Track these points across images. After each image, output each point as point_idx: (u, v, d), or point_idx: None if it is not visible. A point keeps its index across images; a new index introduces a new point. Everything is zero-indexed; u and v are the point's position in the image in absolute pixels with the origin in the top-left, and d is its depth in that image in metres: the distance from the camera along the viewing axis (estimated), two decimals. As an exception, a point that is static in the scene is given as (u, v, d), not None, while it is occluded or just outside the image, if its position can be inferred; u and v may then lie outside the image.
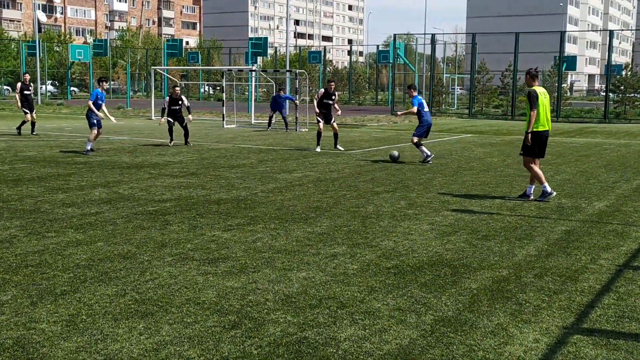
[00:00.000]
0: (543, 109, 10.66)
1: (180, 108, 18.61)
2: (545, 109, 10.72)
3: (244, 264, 6.65)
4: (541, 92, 10.75)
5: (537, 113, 10.57)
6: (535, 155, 10.84)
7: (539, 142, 10.78)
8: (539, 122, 10.65)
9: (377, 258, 7.00)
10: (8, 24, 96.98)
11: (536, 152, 10.81)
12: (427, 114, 16.09)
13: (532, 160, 10.85)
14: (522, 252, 7.38)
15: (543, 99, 10.70)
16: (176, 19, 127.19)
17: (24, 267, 6.35)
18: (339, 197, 10.83)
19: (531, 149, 10.78)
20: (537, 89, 10.71)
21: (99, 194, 10.65)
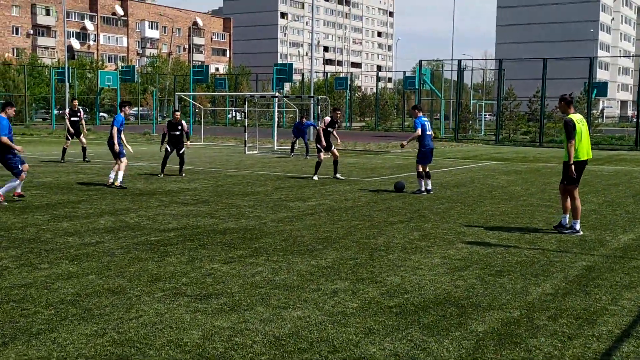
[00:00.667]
0: (582, 137, 10.12)
1: (180, 134, 17.75)
2: (583, 138, 10.16)
3: (237, 300, 6.28)
4: (578, 119, 10.17)
5: (578, 143, 10.07)
6: (577, 183, 10.30)
7: (579, 171, 10.28)
8: (578, 151, 10.14)
9: (380, 295, 6.58)
10: (42, 52, 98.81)
11: (575, 180, 10.25)
12: (428, 137, 14.96)
13: (576, 188, 10.29)
14: (537, 290, 6.90)
15: (581, 126, 10.13)
16: (206, 46, 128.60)
17: (5, 303, 6.06)
18: (350, 227, 10.43)
19: (574, 178, 10.22)
20: (573, 117, 10.13)
21: (104, 222, 10.40)
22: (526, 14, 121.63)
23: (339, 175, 17.92)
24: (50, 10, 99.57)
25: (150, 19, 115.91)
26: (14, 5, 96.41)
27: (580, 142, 10.14)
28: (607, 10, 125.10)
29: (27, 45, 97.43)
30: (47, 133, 40.44)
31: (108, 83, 48.64)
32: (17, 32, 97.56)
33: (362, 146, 32.36)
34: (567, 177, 10.31)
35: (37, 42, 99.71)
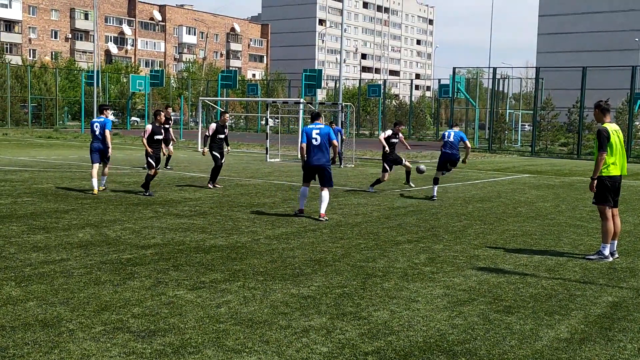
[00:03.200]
0: (616, 149, 9.00)
1: (225, 138, 16.35)
2: (618, 150, 9.04)
3: (186, 340, 5.31)
4: (613, 130, 9.06)
5: (608, 154, 8.95)
6: (609, 203, 9.06)
7: (613, 188, 9.08)
8: (611, 165, 9.00)
9: (358, 336, 5.55)
10: (80, 55, 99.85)
11: (610, 199, 9.06)
12: (446, 144, 15.37)
13: (607, 209, 9.06)
14: (549, 334, 5.79)
15: (615, 138, 9.02)
16: (244, 52, 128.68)
17: None
18: (351, 247, 9.41)
19: (603, 196, 9.03)
20: (608, 126, 9.03)
21: (82, 235, 9.55)
22: (568, 22, 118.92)
23: (412, 184, 17.43)
24: (89, 14, 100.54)
25: (188, 24, 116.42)
26: (53, 9, 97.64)
27: (614, 156, 9.01)
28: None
29: (66, 49, 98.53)
30: (73, 137, 40.21)
31: (139, 87, 48.42)
32: (56, 36, 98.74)
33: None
34: (596, 193, 9.13)
35: (75, 46, 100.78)
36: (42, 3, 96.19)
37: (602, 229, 9.15)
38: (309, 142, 11.80)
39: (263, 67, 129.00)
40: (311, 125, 11.93)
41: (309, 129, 11.83)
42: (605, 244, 9.06)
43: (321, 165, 11.83)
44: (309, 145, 11.81)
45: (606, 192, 9.03)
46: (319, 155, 11.78)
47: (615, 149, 9.01)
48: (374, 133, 60.94)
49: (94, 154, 14.41)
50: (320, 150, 11.78)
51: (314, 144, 11.77)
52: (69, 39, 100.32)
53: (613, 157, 9.00)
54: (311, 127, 11.84)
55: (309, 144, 11.80)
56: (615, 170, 9.05)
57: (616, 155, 9.03)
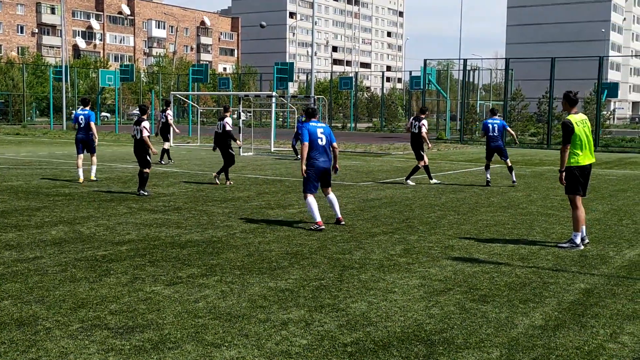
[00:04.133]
0: (582, 140, 9.14)
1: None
2: (584, 140, 9.17)
3: (165, 335, 5.31)
4: (578, 120, 9.21)
5: (575, 145, 9.11)
6: (579, 192, 9.22)
7: (583, 178, 9.24)
8: (579, 156, 9.15)
9: (337, 328, 5.59)
10: (48, 50, 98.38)
11: (580, 189, 9.22)
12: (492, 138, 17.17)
13: (578, 198, 9.23)
14: (524, 321, 5.89)
15: (582, 128, 9.17)
16: (214, 46, 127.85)
17: None
18: (326, 239, 9.44)
19: (574, 186, 9.20)
20: (572, 118, 9.18)
21: (55, 232, 9.46)
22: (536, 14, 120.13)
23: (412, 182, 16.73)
24: (56, 9, 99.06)
25: (157, 18, 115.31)
26: (18, 3, 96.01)
27: (582, 146, 9.15)
28: (618, 10, 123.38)
29: (32, 44, 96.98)
30: (42, 133, 39.65)
31: (109, 82, 47.85)
32: (22, 30, 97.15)
33: (363, 147, 31.34)
34: (566, 184, 9.30)
35: (42, 41, 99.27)
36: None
37: (573, 217, 9.30)
38: (314, 142, 10.35)
39: (234, 61, 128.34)
40: (312, 123, 10.50)
41: (312, 127, 10.40)
42: (577, 233, 9.20)
43: (328, 167, 10.54)
44: (313, 146, 10.35)
45: (576, 182, 9.18)
46: (325, 156, 10.44)
47: (582, 140, 9.13)
48: (346, 125, 61.04)
49: (78, 145, 15.41)
50: (326, 151, 10.47)
51: (320, 144, 10.37)
52: (36, 34, 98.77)
53: (579, 148, 9.13)
54: (314, 126, 10.44)
55: (313, 144, 10.35)
56: (583, 159, 9.18)
57: (583, 146, 9.16)
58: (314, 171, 10.38)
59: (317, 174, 10.42)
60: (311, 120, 10.60)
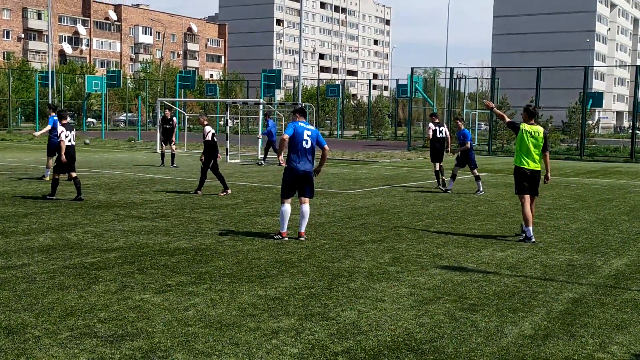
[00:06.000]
0: (525, 146, 10.40)
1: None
2: (527, 147, 10.39)
3: (155, 344, 5.28)
4: (529, 129, 10.44)
5: (522, 149, 10.41)
6: (518, 191, 10.56)
7: (524, 178, 10.47)
8: (520, 158, 10.45)
9: (328, 337, 5.59)
10: (34, 56, 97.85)
11: (521, 188, 10.50)
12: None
13: (521, 197, 10.56)
14: (513, 330, 5.91)
15: (529, 136, 10.39)
16: (201, 52, 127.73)
17: None
18: (315, 247, 9.44)
19: (520, 186, 10.54)
20: (525, 125, 10.49)
21: (43, 239, 9.39)
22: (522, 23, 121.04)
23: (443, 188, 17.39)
24: (42, 14, 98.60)
25: (144, 24, 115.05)
26: (4, 8, 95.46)
27: (527, 153, 10.38)
28: (603, 20, 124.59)
29: (18, 49, 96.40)
30: (27, 139, 39.35)
31: (95, 88, 47.66)
32: (8, 35, 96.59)
33: (350, 155, 31.38)
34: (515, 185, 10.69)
35: (28, 46, 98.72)
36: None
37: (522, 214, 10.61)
38: (297, 145, 9.77)
39: (221, 68, 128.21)
40: (300, 123, 9.92)
41: (300, 127, 9.82)
42: (529, 228, 10.42)
43: (308, 171, 9.94)
44: (295, 148, 9.80)
45: (521, 183, 10.48)
46: (306, 160, 9.86)
47: (527, 146, 10.36)
48: (333, 133, 61.12)
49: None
50: (308, 155, 9.88)
51: (304, 146, 9.79)
52: (22, 39, 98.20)
53: (525, 153, 10.38)
54: (302, 127, 9.85)
55: (295, 146, 9.78)
56: (528, 164, 10.39)
57: (529, 152, 10.38)
58: (290, 176, 9.91)
59: (295, 179, 9.90)
60: (300, 120, 10.02)
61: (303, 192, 10.08)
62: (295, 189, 10.06)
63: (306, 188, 10.06)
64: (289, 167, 9.93)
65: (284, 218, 10.01)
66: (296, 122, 9.96)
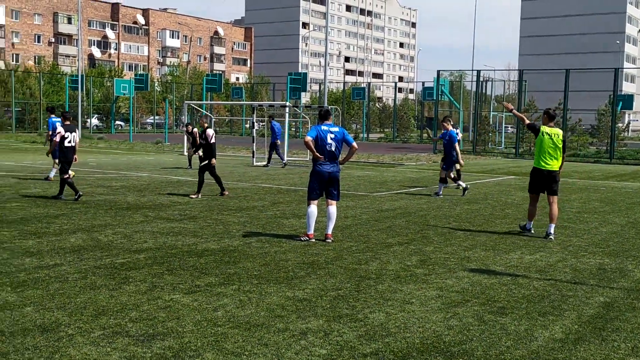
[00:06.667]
0: (544, 147, 10.85)
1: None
2: (546, 148, 10.84)
3: (185, 343, 5.34)
4: (549, 131, 10.86)
5: (540, 151, 10.89)
6: (531, 189, 11.23)
7: (539, 178, 11.02)
8: (538, 159, 10.96)
9: (356, 338, 5.60)
10: (64, 59, 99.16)
11: (533, 187, 11.14)
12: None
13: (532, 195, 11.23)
14: (544, 334, 5.87)
15: (549, 138, 10.82)
16: (227, 56, 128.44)
17: None
18: (342, 249, 9.46)
19: (530, 185, 11.26)
20: (544, 127, 10.90)
21: (74, 240, 9.53)
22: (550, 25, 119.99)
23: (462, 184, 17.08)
24: (72, 18, 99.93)
25: (171, 28, 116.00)
26: (36, 13, 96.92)
27: (544, 153, 10.86)
28: (633, 21, 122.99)
29: (49, 54, 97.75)
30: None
31: (123, 91, 48.19)
32: (39, 40, 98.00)
33: (376, 158, 31.36)
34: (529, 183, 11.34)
35: (59, 50, 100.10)
36: (25, 7, 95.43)
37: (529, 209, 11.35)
38: (321, 147, 9.89)
39: (247, 71, 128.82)
40: (324, 126, 9.98)
41: (324, 131, 9.89)
42: (530, 222, 11.35)
43: (333, 174, 10.03)
44: (319, 150, 9.90)
45: (532, 182, 11.13)
46: (332, 162, 9.97)
47: (545, 148, 10.81)
48: (358, 135, 61.08)
49: None
50: (333, 157, 9.98)
51: (328, 149, 9.89)
52: (52, 43, 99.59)
53: (542, 154, 10.85)
54: (325, 130, 9.91)
55: (320, 148, 9.90)
56: (545, 165, 10.89)
57: (546, 153, 10.83)
58: (316, 177, 10.02)
59: (321, 181, 10.01)
60: (323, 122, 10.08)
61: (329, 194, 10.20)
62: (322, 190, 10.17)
63: (332, 190, 10.17)
64: (315, 169, 10.04)
65: (310, 219, 10.12)
66: (319, 126, 10.05)
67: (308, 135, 9.95)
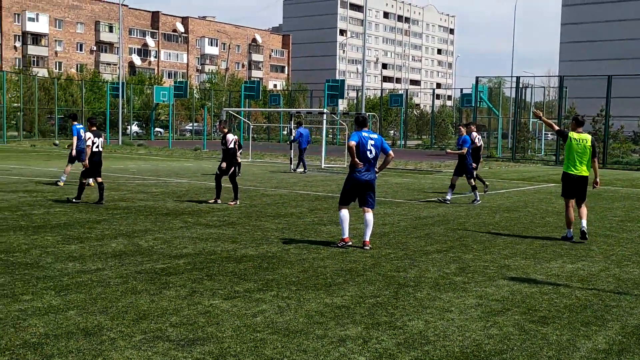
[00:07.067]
0: (572, 153, 11.14)
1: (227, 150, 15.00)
2: (574, 154, 11.13)
3: (225, 349, 5.38)
4: (577, 137, 11.15)
5: (569, 157, 11.19)
6: (563, 194, 11.49)
7: (569, 183, 11.30)
8: (567, 164, 11.27)
9: (395, 346, 5.58)
10: (105, 67, 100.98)
11: (566, 192, 11.39)
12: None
13: (566, 200, 11.43)
14: (587, 344, 5.78)
15: (576, 144, 11.12)
16: (265, 63, 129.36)
17: (-41, 344, 5.31)
18: (380, 256, 9.44)
19: (563, 190, 11.52)
20: (573, 133, 11.21)
21: (115, 245, 9.69)
22: (591, 31, 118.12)
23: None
24: (113, 27, 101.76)
25: (210, 35, 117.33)
26: (78, 22, 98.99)
27: (574, 159, 11.17)
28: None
29: (91, 62, 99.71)
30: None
31: (163, 98, 48.85)
32: (82, 48, 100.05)
33: (414, 165, 31.23)
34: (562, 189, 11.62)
35: (100, 58, 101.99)
36: (68, 16, 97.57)
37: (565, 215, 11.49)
38: (362, 154, 9.82)
39: (284, 78, 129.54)
40: (364, 132, 9.93)
41: (365, 137, 9.84)
42: (569, 230, 11.43)
43: (370, 181, 9.99)
44: (359, 157, 9.82)
45: (564, 187, 11.44)
46: (369, 170, 9.93)
47: (573, 154, 11.14)
48: (395, 142, 60.91)
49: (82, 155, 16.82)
50: (371, 164, 9.94)
51: (368, 156, 9.84)
52: (94, 52, 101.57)
53: (571, 160, 11.19)
54: (366, 136, 9.86)
55: (360, 155, 9.82)
56: (573, 170, 11.21)
57: (575, 159, 11.16)
58: (352, 183, 9.93)
59: (355, 186, 9.92)
60: (362, 129, 10.01)
61: (365, 201, 10.11)
62: (355, 196, 10.09)
63: (367, 197, 10.07)
64: (353, 175, 9.97)
65: (343, 223, 10.06)
66: (360, 132, 9.99)
67: (351, 140, 9.86)
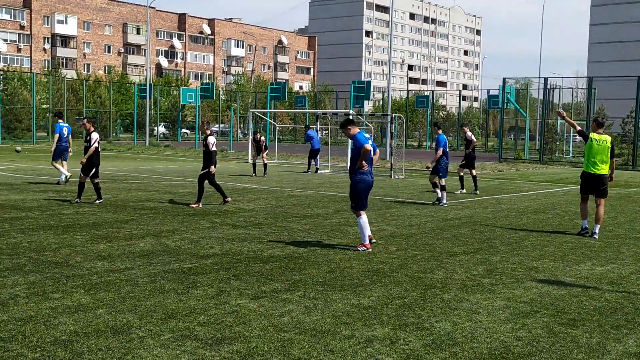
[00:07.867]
0: (592, 153, 11.61)
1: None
2: (594, 154, 11.60)
3: (253, 348, 5.40)
4: (597, 137, 11.65)
5: (588, 156, 11.71)
6: (582, 191, 12.01)
7: (587, 181, 11.83)
8: (587, 164, 11.78)
9: (422, 347, 5.56)
10: (132, 69, 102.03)
11: (583, 189, 11.94)
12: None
13: (583, 197, 12.02)
14: (617, 348, 5.70)
15: (597, 144, 11.59)
16: (291, 64, 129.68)
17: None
18: (407, 258, 9.40)
19: (581, 187, 12.04)
20: (593, 134, 11.71)
21: (143, 245, 9.77)
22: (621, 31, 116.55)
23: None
24: (141, 29, 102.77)
25: (236, 37, 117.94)
26: (106, 24, 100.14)
27: (593, 158, 11.63)
28: None
29: (118, 63, 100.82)
30: (126, 149, 41.05)
31: (190, 100, 49.19)
32: (109, 50, 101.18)
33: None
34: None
35: (128, 60, 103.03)
36: (97, 19, 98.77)
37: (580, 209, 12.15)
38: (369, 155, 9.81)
39: (310, 79, 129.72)
40: (366, 134, 9.94)
41: (365, 139, 9.77)
42: (584, 220, 12.04)
43: (373, 180, 10.10)
44: (367, 159, 9.79)
45: (582, 184, 11.98)
46: (372, 169, 10.00)
47: (593, 153, 11.60)
48: (422, 144, 60.66)
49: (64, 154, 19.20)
50: (371, 165, 9.97)
51: (372, 156, 9.87)
52: (122, 53, 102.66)
53: (591, 159, 11.65)
54: (367, 137, 9.82)
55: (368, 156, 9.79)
56: (592, 169, 11.69)
57: (595, 158, 11.61)
58: (363, 186, 9.85)
59: (367, 190, 9.94)
60: (360, 131, 9.91)
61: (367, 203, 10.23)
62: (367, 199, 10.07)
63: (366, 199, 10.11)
64: (363, 177, 9.86)
65: (365, 229, 9.91)
66: (361, 133, 9.87)
67: (365, 142, 9.71)
